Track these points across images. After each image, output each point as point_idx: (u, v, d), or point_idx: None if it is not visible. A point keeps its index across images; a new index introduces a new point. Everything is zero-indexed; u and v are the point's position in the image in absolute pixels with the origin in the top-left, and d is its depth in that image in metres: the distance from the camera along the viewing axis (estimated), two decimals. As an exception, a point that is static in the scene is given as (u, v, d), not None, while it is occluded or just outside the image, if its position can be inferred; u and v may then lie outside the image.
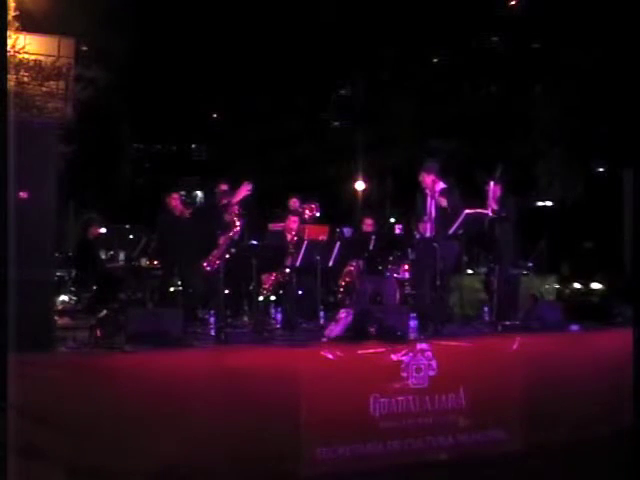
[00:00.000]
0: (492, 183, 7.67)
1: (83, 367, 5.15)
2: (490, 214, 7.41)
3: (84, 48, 14.07)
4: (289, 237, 8.14)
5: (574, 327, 6.93)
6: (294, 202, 9.04)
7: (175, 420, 5.13)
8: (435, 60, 28.37)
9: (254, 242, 7.57)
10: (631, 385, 4.11)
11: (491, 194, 7.65)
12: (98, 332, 5.69)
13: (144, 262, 9.18)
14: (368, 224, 9.17)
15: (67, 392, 4.90)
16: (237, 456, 5.28)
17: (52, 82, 11.43)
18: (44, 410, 4.84)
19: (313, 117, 27.72)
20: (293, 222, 8.26)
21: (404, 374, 5.86)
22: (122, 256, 12.71)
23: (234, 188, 8.43)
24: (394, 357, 5.86)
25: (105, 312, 6.11)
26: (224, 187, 8.70)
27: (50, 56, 11.46)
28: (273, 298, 7.69)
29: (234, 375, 5.35)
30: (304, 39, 25.02)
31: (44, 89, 11.28)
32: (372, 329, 6.04)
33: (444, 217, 7.43)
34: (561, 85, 23.28)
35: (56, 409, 4.87)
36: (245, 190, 7.88)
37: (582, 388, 6.49)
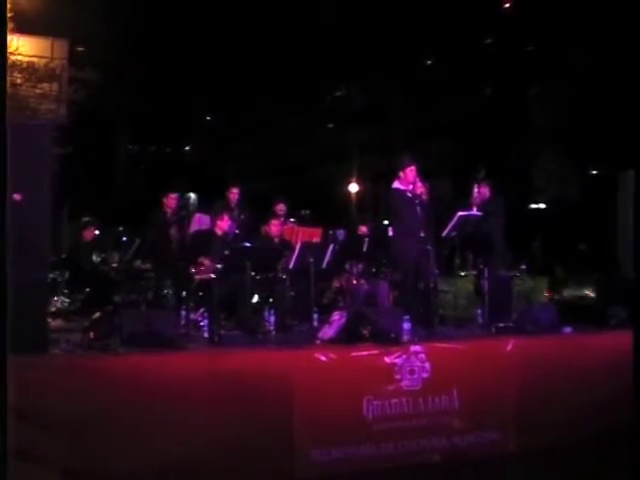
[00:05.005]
0: (476, 186, 7.73)
1: (76, 369, 5.15)
2: (481, 215, 7.44)
3: (78, 49, 14.04)
4: (274, 239, 8.13)
5: (568, 329, 6.95)
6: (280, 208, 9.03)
7: (169, 422, 5.13)
8: (429, 62, 28.38)
9: (247, 244, 7.55)
10: (631, 385, 4.13)
11: (475, 196, 7.71)
12: (91, 334, 5.68)
13: (138, 264, 9.16)
14: (362, 231, 9.19)
15: (60, 394, 4.89)
16: (231, 458, 5.28)
17: (46, 83, 11.43)
18: (38, 412, 4.83)
19: (308, 118, 27.67)
20: (274, 225, 8.23)
21: (397, 376, 5.86)
22: (115, 258, 12.66)
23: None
24: (387, 359, 5.86)
25: (99, 314, 6.09)
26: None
27: (43, 57, 11.47)
28: (266, 300, 7.66)
29: (228, 377, 5.35)
30: (300, 40, 25.00)
31: (38, 90, 11.28)
32: (365, 331, 6.04)
33: (426, 218, 7.31)
34: (557, 86, 23.31)
35: (50, 411, 4.86)
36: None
37: (576, 390, 6.49)
